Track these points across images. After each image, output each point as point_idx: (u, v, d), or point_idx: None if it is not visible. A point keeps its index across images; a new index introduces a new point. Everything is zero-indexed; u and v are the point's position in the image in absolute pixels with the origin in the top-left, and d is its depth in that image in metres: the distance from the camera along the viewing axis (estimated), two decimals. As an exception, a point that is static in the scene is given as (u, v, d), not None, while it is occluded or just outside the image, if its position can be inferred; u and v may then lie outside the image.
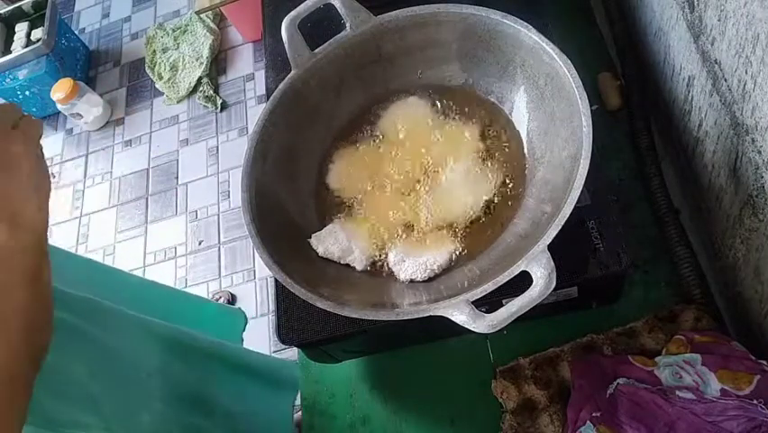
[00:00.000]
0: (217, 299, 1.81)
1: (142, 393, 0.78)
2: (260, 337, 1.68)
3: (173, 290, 1.27)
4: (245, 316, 1.27)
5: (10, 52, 2.26)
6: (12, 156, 0.52)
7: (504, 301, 0.48)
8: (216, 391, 0.91)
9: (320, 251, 0.63)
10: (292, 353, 1.59)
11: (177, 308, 1.05)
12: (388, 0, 0.70)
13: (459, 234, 0.61)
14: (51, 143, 2.36)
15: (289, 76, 0.68)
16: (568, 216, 0.49)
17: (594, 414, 0.58)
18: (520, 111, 0.64)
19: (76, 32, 2.52)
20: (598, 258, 0.58)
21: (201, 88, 2.23)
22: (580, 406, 0.60)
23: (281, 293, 0.65)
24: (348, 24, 0.67)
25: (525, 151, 0.63)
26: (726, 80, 0.55)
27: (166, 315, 0.93)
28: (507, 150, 0.64)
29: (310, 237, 0.64)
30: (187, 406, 0.84)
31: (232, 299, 1.83)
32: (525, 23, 0.59)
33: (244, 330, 1.25)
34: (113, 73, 2.46)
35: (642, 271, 0.69)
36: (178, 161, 2.16)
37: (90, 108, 2.25)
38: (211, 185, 2.07)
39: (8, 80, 2.25)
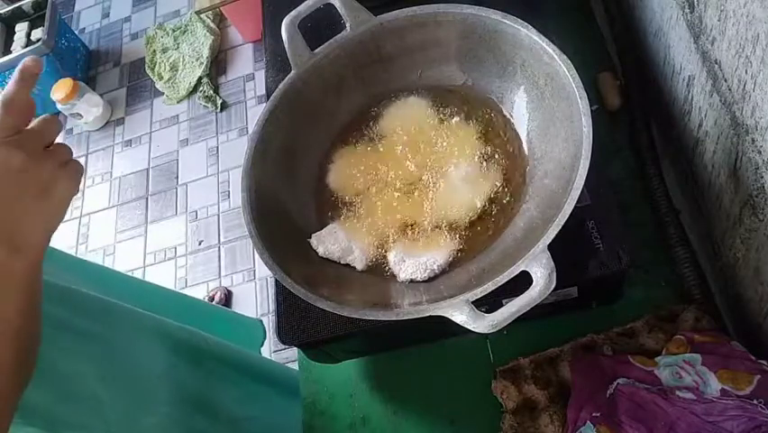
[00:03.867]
0: (213, 296, 1.81)
1: (149, 396, 0.78)
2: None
3: (191, 299, 1.27)
4: (264, 329, 1.25)
5: (10, 52, 2.26)
6: (42, 182, 0.49)
7: (504, 301, 0.48)
8: (223, 394, 0.91)
9: (320, 251, 0.63)
10: (292, 353, 1.59)
11: (194, 318, 1.05)
12: (387, 0, 0.70)
13: (459, 234, 0.61)
14: (51, 143, 2.36)
15: (289, 76, 0.68)
16: (568, 215, 0.49)
17: (594, 414, 0.58)
18: (520, 111, 0.64)
19: (76, 32, 2.52)
20: (598, 258, 0.58)
21: (201, 88, 2.23)
22: (580, 406, 0.60)
23: (281, 293, 0.65)
24: (348, 24, 0.67)
25: (526, 151, 0.63)
26: (726, 80, 0.55)
27: (183, 322, 0.93)
28: (507, 150, 0.64)
29: (310, 237, 0.64)
30: (193, 409, 0.83)
31: (228, 295, 1.82)
32: (525, 23, 0.59)
33: (262, 345, 1.24)
34: (113, 73, 2.46)
35: (642, 271, 0.69)
36: (178, 161, 2.16)
37: (90, 108, 2.25)
38: (211, 185, 2.07)
39: (8, 80, 2.24)
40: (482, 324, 0.47)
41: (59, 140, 0.54)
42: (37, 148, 0.50)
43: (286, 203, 0.66)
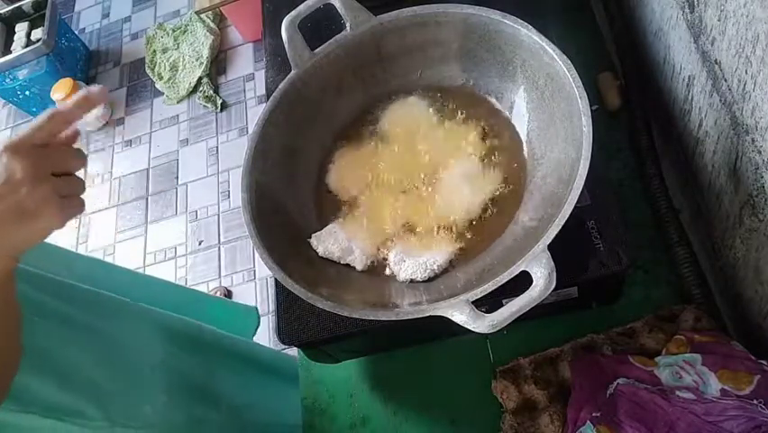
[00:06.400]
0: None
1: (146, 385, 0.79)
2: (260, 337, 1.68)
3: (185, 288, 1.28)
4: (257, 314, 1.27)
5: (10, 52, 2.26)
6: (28, 204, 0.47)
7: (504, 301, 0.48)
8: (223, 382, 0.92)
9: (320, 251, 0.63)
10: (292, 352, 1.59)
11: (188, 306, 1.06)
12: (388, 0, 0.70)
13: (459, 234, 0.61)
14: (51, 143, 2.36)
15: (289, 76, 0.68)
16: (568, 216, 0.49)
17: (594, 414, 0.58)
18: (520, 111, 0.64)
19: (76, 32, 2.52)
20: (598, 258, 0.58)
21: (201, 88, 2.23)
22: (580, 406, 0.60)
23: (281, 293, 0.65)
24: (348, 24, 0.67)
25: (525, 151, 0.63)
26: (726, 80, 0.55)
27: (176, 311, 0.94)
28: (507, 150, 0.64)
29: (310, 237, 0.64)
30: (193, 397, 0.84)
31: (228, 294, 1.83)
32: (525, 23, 0.59)
33: (256, 332, 1.25)
34: (113, 73, 2.46)
35: (642, 271, 0.69)
36: (178, 160, 2.16)
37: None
38: (211, 185, 2.06)
39: (8, 80, 2.25)
40: (482, 324, 0.47)
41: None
42: (46, 169, 0.48)
43: (286, 203, 0.66)
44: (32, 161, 0.47)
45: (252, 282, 1.85)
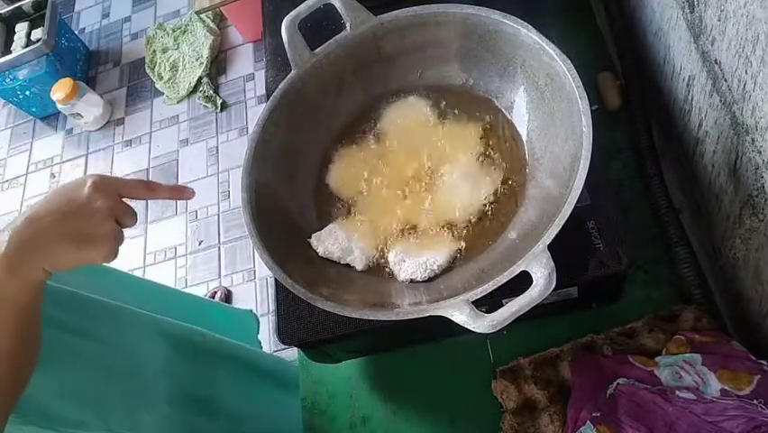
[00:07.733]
0: (213, 296, 1.81)
1: (147, 394, 0.78)
2: (260, 337, 1.68)
3: (184, 293, 1.28)
4: (257, 318, 1.27)
5: (10, 52, 2.25)
6: (91, 234, 0.51)
7: (504, 301, 0.48)
8: (223, 392, 0.91)
9: (320, 251, 0.63)
10: (292, 352, 1.58)
11: (189, 312, 1.05)
12: (388, 0, 0.70)
13: (459, 234, 0.61)
14: (51, 143, 2.36)
15: (289, 76, 0.68)
16: (568, 216, 0.49)
17: (594, 414, 0.58)
18: (520, 111, 0.64)
19: (76, 32, 2.51)
20: (598, 258, 0.58)
21: (201, 88, 2.22)
22: (580, 406, 0.60)
23: (281, 293, 0.65)
24: (348, 24, 0.67)
25: (525, 151, 0.63)
26: (726, 80, 0.55)
27: (179, 318, 0.93)
28: (507, 150, 0.64)
29: (310, 237, 0.64)
30: (193, 407, 0.84)
31: (228, 294, 1.83)
32: (525, 23, 0.59)
33: (258, 332, 1.25)
34: (113, 73, 2.46)
35: (642, 271, 0.69)
36: (178, 160, 2.16)
37: (90, 108, 2.25)
38: (211, 185, 2.06)
39: (8, 80, 2.24)
40: (482, 324, 0.47)
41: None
42: (117, 215, 0.53)
43: (286, 203, 0.66)
44: (111, 203, 0.52)
45: (252, 282, 1.85)
